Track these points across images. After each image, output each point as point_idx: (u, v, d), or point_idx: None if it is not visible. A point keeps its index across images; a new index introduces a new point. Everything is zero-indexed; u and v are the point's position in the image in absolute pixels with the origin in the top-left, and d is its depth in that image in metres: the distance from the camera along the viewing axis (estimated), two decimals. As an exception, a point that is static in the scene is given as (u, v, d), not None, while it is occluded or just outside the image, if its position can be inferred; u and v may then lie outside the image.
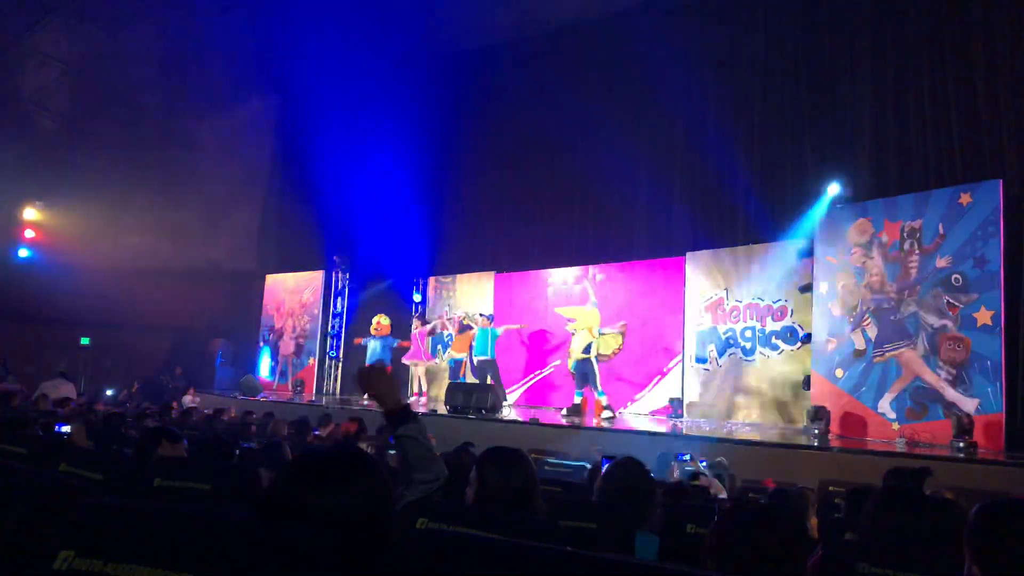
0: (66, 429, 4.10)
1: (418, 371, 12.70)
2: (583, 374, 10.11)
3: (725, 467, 5.76)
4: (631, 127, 12.34)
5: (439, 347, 13.86)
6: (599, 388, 10.02)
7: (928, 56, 9.45)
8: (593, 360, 10.06)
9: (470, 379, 11.78)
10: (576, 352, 10.18)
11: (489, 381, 10.83)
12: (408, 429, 2.15)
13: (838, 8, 10.48)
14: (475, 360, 11.49)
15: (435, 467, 2.15)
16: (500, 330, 11.65)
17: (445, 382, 11.93)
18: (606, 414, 9.85)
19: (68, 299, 14.83)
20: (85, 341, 16.34)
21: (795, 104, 10.75)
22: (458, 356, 12.32)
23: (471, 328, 12.35)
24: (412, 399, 12.21)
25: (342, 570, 0.95)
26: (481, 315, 11.89)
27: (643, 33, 12.49)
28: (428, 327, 13.19)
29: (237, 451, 3.88)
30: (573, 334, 10.50)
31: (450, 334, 13.62)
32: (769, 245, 10.35)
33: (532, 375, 12.76)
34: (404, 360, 12.66)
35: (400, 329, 13.07)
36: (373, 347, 12.32)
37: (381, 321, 12.57)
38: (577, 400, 10.29)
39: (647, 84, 12.04)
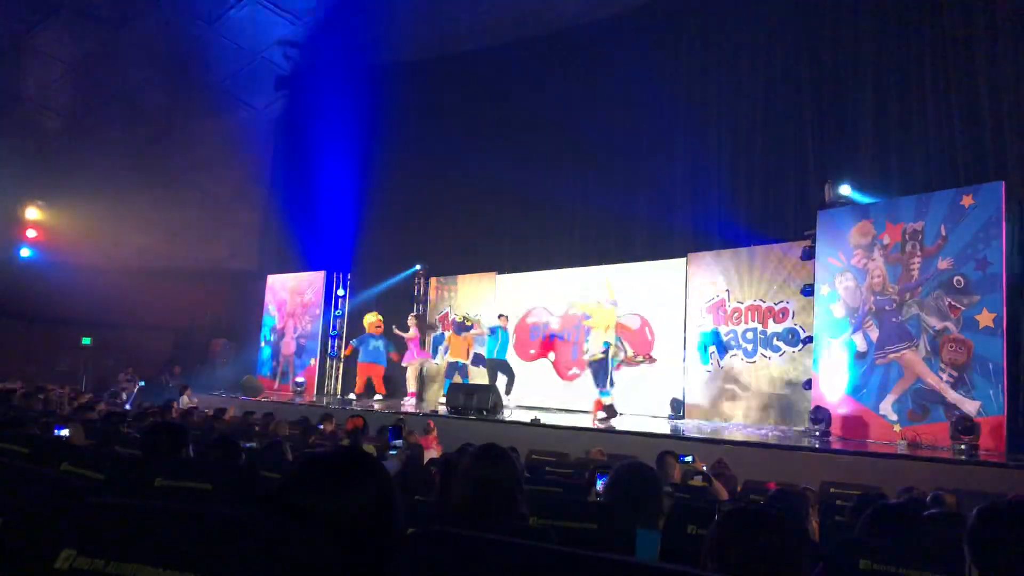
0: (64, 432, 4.10)
1: (414, 371, 12.65)
2: (599, 372, 10.03)
3: (726, 468, 5.75)
4: (633, 128, 12.36)
5: (440, 347, 13.88)
6: (606, 387, 9.97)
7: (930, 57, 9.45)
8: (609, 360, 10.03)
9: (473, 380, 11.77)
10: (595, 351, 10.05)
11: (497, 381, 10.82)
12: None
13: (840, 9, 10.48)
14: (487, 360, 11.44)
15: None
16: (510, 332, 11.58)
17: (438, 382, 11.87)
18: (600, 415, 9.81)
19: (70, 299, 14.85)
20: (86, 341, 16.36)
21: (797, 105, 10.75)
22: (454, 360, 12.25)
23: (470, 329, 12.33)
24: (405, 400, 12.20)
25: (346, 571, 0.95)
26: (501, 315, 11.79)
27: (645, 34, 12.52)
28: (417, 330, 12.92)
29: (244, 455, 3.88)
30: (590, 331, 10.41)
31: (441, 334, 13.62)
32: (771, 247, 10.36)
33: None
34: (403, 362, 12.60)
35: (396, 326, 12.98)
36: (366, 345, 12.41)
37: (370, 318, 12.61)
38: (606, 400, 10.14)
39: (649, 85, 12.04)
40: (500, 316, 11.73)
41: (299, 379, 14.82)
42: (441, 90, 15.02)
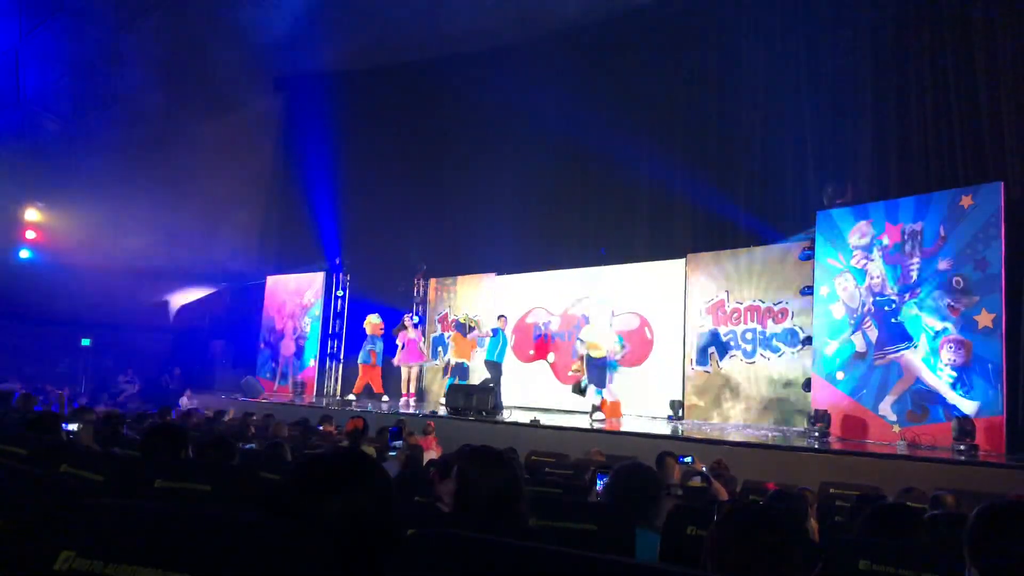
0: (72, 427, 4.16)
1: (412, 372, 12.64)
2: (597, 371, 10.01)
3: (725, 469, 5.75)
4: (633, 129, 12.35)
5: (440, 348, 13.88)
6: (602, 387, 9.95)
7: (929, 57, 9.44)
8: (608, 360, 10.02)
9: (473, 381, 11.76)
10: (598, 351, 10.02)
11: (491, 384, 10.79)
12: None
13: (838, 11, 10.48)
14: (485, 362, 11.42)
15: None
16: (509, 335, 11.54)
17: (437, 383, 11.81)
18: (598, 415, 9.80)
19: (69, 300, 14.83)
20: (86, 342, 16.35)
21: (796, 106, 10.75)
22: (458, 360, 12.21)
23: (473, 330, 12.32)
24: (402, 400, 12.20)
25: (344, 572, 0.95)
26: (501, 316, 11.76)
27: (644, 36, 12.52)
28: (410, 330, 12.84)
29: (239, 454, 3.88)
30: (589, 328, 10.39)
31: (442, 334, 13.59)
32: (770, 247, 10.36)
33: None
34: (397, 362, 12.58)
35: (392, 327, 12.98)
36: (370, 346, 12.42)
37: (372, 320, 12.62)
38: (595, 401, 10.12)
39: (649, 86, 12.05)
40: (500, 317, 11.71)
41: (299, 380, 14.82)
42: (441, 91, 15.01)
